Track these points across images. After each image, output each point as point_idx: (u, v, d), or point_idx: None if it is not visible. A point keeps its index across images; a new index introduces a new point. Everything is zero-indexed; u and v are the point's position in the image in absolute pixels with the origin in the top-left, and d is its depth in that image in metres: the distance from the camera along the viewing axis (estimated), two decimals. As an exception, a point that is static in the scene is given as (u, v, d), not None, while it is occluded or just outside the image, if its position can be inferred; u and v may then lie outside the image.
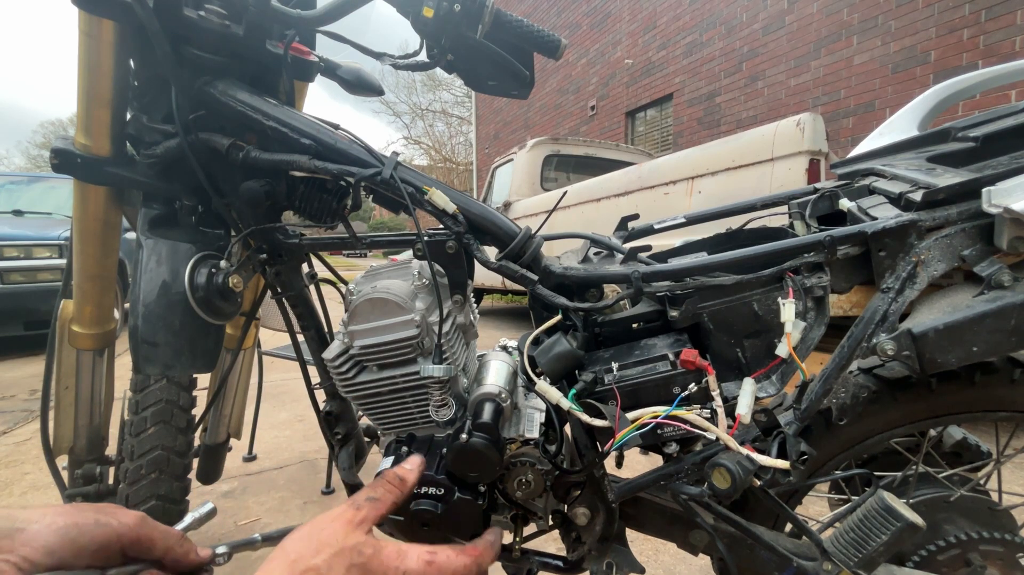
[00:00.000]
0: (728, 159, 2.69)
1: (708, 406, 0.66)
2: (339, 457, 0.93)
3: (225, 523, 1.61)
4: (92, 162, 0.77)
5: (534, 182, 5.16)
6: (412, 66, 0.80)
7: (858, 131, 4.98)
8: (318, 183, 0.77)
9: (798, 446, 0.67)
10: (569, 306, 0.71)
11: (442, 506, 0.75)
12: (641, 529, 0.85)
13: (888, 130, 0.98)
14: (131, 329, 0.76)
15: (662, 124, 7.96)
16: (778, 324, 0.67)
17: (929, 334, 0.61)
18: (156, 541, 0.44)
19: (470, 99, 16.56)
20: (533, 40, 0.77)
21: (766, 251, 0.67)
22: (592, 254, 0.88)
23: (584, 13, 9.35)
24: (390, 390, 0.77)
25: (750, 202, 0.97)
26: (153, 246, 0.78)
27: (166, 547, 0.45)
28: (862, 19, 4.99)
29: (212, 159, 0.74)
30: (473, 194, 11.59)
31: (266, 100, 0.74)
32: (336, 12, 0.72)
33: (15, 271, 3.87)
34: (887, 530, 0.65)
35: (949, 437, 0.92)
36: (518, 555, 0.82)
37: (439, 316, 0.70)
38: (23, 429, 2.53)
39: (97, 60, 0.73)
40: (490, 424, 0.73)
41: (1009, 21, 3.94)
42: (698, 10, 6.95)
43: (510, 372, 0.81)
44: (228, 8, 0.72)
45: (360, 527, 0.47)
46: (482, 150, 14.17)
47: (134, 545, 0.43)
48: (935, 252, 0.63)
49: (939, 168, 0.72)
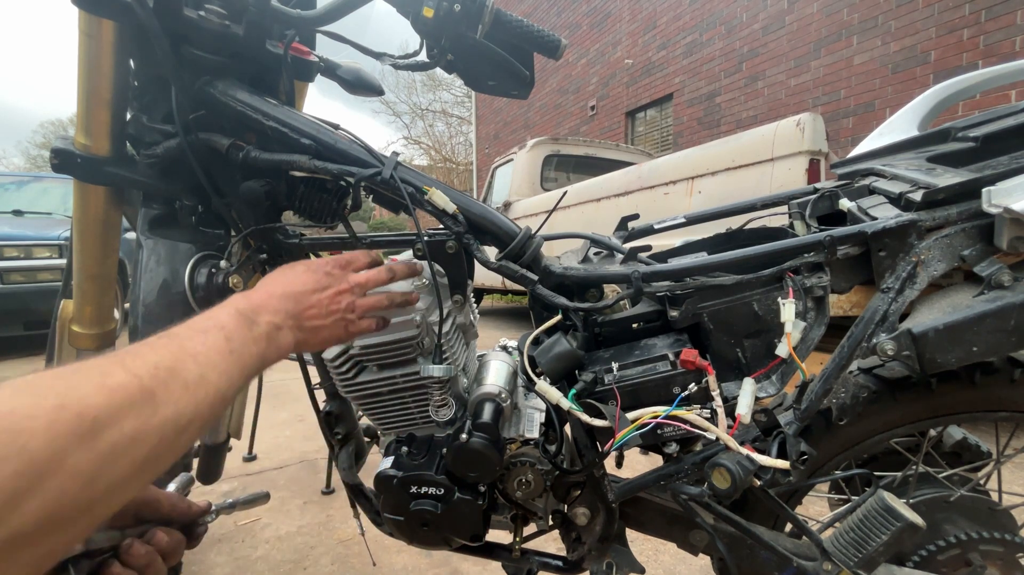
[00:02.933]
0: (728, 159, 2.69)
1: (708, 406, 0.66)
2: (339, 457, 0.93)
3: (225, 523, 1.61)
4: (92, 162, 0.77)
5: (534, 182, 5.16)
6: (412, 66, 0.80)
7: (858, 131, 4.98)
8: (318, 183, 0.77)
9: (798, 446, 0.67)
10: (569, 306, 0.71)
11: (442, 506, 0.75)
12: (641, 529, 0.85)
13: (888, 130, 0.98)
14: (131, 329, 0.76)
15: (662, 124, 7.95)
16: (778, 324, 0.67)
17: (929, 334, 0.61)
18: (161, 500, 0.49)
19: (470, 99, 16.56)
20: (533, 40, 0.77)
21: (766, 251, 0.68)
22: (592, 254, 0.88)
23: (584, 13, 9.35)
24: (390, 390, 0.77)
25: (750, 202, 0.97)
26: (153, 246, 0.78)
27: (170, 503, 0.50)
28: (862, 19, 4.98)
29: (212, 159, 0.74)
30: (473, 194, 11.60)
31: (266, 100, 0.74)
32: (336, 12, 0.72)
33: (15, 271, 3.86)
34: (887, 530, 0.65)
35: (949, 437, 0.92)
36: (518, 555, 0.82)
37: (439, 316, 0.70)
38: (23, 429, 2.53)
39: (97, 60, 0.73)
40: (490, 424, 0.73)
41: (1009, 21, 3.94)
42: (698, 10, 6.94)
43: (510, 372, 0.81)
44: (228, 8, 0.72)
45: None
46: (482, 150, 14.18)
47: (144, 507, 0.48)
48: (935, 252, 0.63)
49: (939, 168, 0.72)
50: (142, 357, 0.38)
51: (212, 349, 0.43)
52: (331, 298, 0.60)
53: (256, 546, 1.52)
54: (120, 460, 0.32)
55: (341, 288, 0.62)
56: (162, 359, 0.38)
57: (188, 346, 0.42)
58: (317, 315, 0.58)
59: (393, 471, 0.77)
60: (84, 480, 0.30)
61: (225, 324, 0.47)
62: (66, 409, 0.30)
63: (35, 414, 0.29)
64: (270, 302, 0.54)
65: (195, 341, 0.43)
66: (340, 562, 1.43)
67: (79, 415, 0.30)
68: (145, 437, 0.34)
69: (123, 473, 0.33)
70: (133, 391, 0.34)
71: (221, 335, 0.45)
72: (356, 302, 0.63)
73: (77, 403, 0.31)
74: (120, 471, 0.32)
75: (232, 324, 0.47)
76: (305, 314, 0.57)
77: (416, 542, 0.81)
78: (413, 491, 0.76)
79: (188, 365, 0.40)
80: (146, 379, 0.36)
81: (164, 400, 0.36)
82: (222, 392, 0.42)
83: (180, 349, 0.41)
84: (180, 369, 0.39)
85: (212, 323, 0.46)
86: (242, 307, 0.50)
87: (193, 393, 0.39)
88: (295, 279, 0.59)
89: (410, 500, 0.76)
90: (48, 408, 0.29)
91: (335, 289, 0.61)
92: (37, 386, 0.31)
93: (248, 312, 0.50)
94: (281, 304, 0.55)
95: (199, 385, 0.39)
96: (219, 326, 0.46)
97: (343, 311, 0.61)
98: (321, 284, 0.60)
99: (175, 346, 0.41)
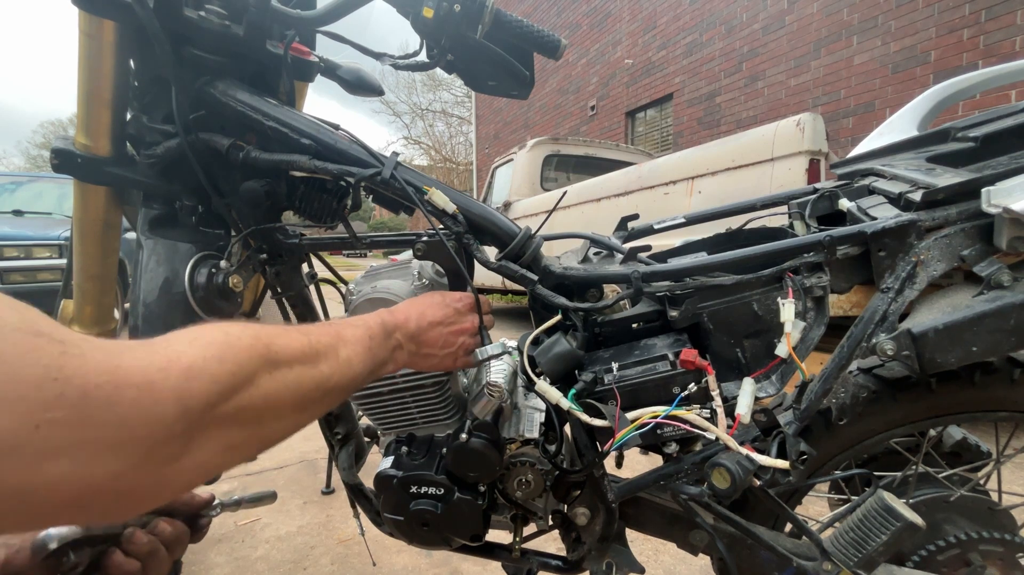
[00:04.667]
0: (728, 159, 2.69)
1: (708, 406, 0.66)
2: (339, 457, 0.93)
3: (225, 523, 1.61)
4: (92, 162, 0.77)
5: (534, 182, 5.15)
6: (412, 66, 0.80)
7: (858, 131, 4.98)
8: (318, 183, 0.77)
9: (798, 446, 0.67)
10: (569, 306, 0.71)
11: (442, 506, 0.75)
12: (641, 529, 0.85)
13: (888, 130, 0.98)
14: (131, 329, 0.76)
15: (662, 124, 7.95)
16: (778, 324, 0.67)
17: (929, 334, 0.61)
18: None
19: (470, 99, 16.56)
20: (533, 40, 0.77)
21: (766, 251, 0.67)
22: (592, 254, 0.88)
23: (584, 13, 9.34)
24: (390, 390, 0.77)
25: (750, 202, 0.97)
26: (153, 246, 0.78)
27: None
28: (862, 19, 4.98)
29: (212, 159, 0.75)
30: (473, 194, 11.59)
31: (266, 100, 0.74)
32: (336, 12, 0.73)
33: (15, 271, 3.86)
34: (887, 530, 0.65)
35: (949, 437, 0.92)
36: (518, 555, 0.82)
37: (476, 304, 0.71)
38: (23, 429, 2.53)
39: (97, 60, 0.73)
40: (490, 424, 0.73)
41: (1009, 21, 3.94)
42: (698, 10, 6.94)
43: (510, 372, 0.81)
44: (228, 8, 0.72)
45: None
46: (482, 150, 14.17)
47: None
48: (935, 252, 0.63)
49: (939, 168, 0.72)
50: (314, 330, 0.49)
51: (359, 342, 0.53)
52: (452, 334, 0.67)
53: (256, 546, 1.52)
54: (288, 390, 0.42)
55: (463, 327, 0.68)
56: (327, 335, 0.50)
57: (344, 333, 0.53)
58: (435, 345, 0.65)
59: (393, 471, 0.77)
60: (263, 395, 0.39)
61: (372, 327, 0.57)
62: (261, 340, 0.41)
63: (242, 335, 0.39)
64: (407, 324, 0.62)
65: (348, 332, 0.53)
66: (340, 562, 1.43)
67: (268, 346, 0.41)
68: (306, 382, 0.44)
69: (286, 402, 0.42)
70: (305, 347, 0.46)
71: (367, 334, 0.55)
72: (468, 342, 0.69)
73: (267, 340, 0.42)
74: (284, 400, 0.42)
75: (376, 329, 0.57)
76: (425, 341, 0.64)
77: (416, 542, 0.81)
78: (413, 491, 0.76)
79: (342, 346, 0.51)
80: (315, 343, 0.47)
81: (323, 362, 0.47)
82: (355, 375, 0.52)
83: (338, 335, 0.52)
84: (337, 345, 0.50)
85: (362, 323, 0.57)
86: (387, 320, 0.60)
87: (341, 366, 0.49)
88: (432, 308, 0.66)
89: (410, 500, 0.76)
90: (250, 335, 0.40)
91: (458, 327, 0.67)
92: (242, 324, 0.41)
93: (390, 325, 0.60)
94: (414, 327, 0.63)
95: (346, 362, 0.50)
96: (367, 327, 0.56)
97: (456, 348, 0.67)
98: (448, 319, 0.67)
99: (335, 331, 0.52)
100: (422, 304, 0.66)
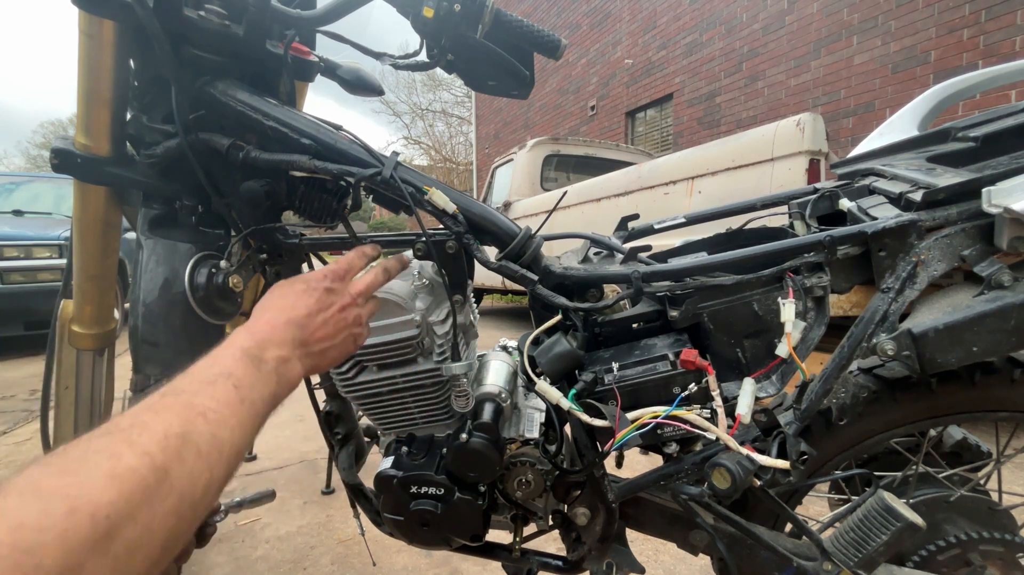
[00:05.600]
0: (728, 159, 2.69)
1: (708, 406, 0.66)
2: (339, 457, 0.93)
3: (225, 523, 1.61)
4: (92, 162, 0.77)
5: (534, 182, 5.15)
6: (412, 66, 0.80)
7: (858, 131, 4.98)
8: (318, 183, 0.77)
9: (798, 446, 0.67)
10: (569, 306, 0.71)
11: (442, 506, 0.75)
12: (641, 529, 0.85)
13: (888, 130, 0.98)
14: (131, 329, 0.76)
15: (662, 124, 7.95)
16: (778, 324, 0.67)
17: (929, 334, 0.61)
18: None
19: (470, 99, 16.56)
20: (533, 40, 0.77)
21: (766, 251, 0.67)
22: (592, 254, 0.88)
23: (584, 13, 9.34)
24: (390, 390, 0.77)
25: (750, 202, 0.97)
26: (153, 246, 0.78)
27: None
28: (862, 19, 4.98)
29: (212, 159, 0.74)
30: (473, 194, 11.60)
31: (266, 100, 0.74)
32: (336, 12, 0.72)
33: (15, 271, 3.86)
34: (887, 530, 0.65)
35: (949, 437, 0.92)
36: (518, 555, 0.82)
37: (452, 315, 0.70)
38: (23, 429, 2.53)
39: (97, 60, 0.73)
40: (490, 424, 0.73)
41: (1009, 21, 3.94)
42: (698, 10, 6.94)
43: (510, 372, 0.81)
44: (228, 8, 0.72)
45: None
46: (482, 150, 14.17)
47: None
48: (935, 252, 0.63)
49: (939, 168, 0.72)
50: (149, 428, 0.35)
51: (221, 403, 0.40)
52: (336, 316, 0.57)
53: (256, 546, 1.52)
54: (137, 555, 0.31)
55: (344, 303, 0.59)
56: (171, 425, 0.36)
57: (196, 403, 0.39)
58: (325, 337, 0.56)
59: (393, 471, 0.77)
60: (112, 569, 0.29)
61: (232, 370, 0.44)
62: (78, 513, 0.28)
63: (46, 525, 0.27)
64: (275, 334, 0.51)
65: (202, 396, 0.40)
66: (340, 562, 1.43)
67: (92, 517, 0.29)
68: (162, 523, 0.32)
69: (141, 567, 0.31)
70: (145, 473, 0.32)
71: (229, 383, 0.42)
72: (360, 313, 0.61)
73: (88, 504, 0.29)
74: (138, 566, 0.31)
75: (239, 369, 0.44)
76: (312, 339, 0.55)
77: (416, 542, 0.81)
78: (413, 491, 0.76)
79: (199, 426, 0.37)
80: (157, 455, 0.34)
81: (178, 474, 0.34)
82: (236, 447, 0.40)
83: (188, 409, 0.38)
84: (191, 433, 0.36)
85: (218, 370, 0.43)
86: (247, 346, 0.47)
87: (207, 458, 0.37)
88: (296, 302, 0.55)
89: (410, 500, 0.76)
90: (59, 516, 0.28)
91: (339, 305, 0.58)
92: (44, 489, 0.29)
93: (254, 350, 0.47)
94: (287, 333, 0.52)
95: (212, 447, 0.37)
96: (226, 373, 0.43)
97: (350, 326, 0.59)
98: (324, 303, 0.57)
99: (182, 406, 0.38)
100: (282, 301, 0.55)
